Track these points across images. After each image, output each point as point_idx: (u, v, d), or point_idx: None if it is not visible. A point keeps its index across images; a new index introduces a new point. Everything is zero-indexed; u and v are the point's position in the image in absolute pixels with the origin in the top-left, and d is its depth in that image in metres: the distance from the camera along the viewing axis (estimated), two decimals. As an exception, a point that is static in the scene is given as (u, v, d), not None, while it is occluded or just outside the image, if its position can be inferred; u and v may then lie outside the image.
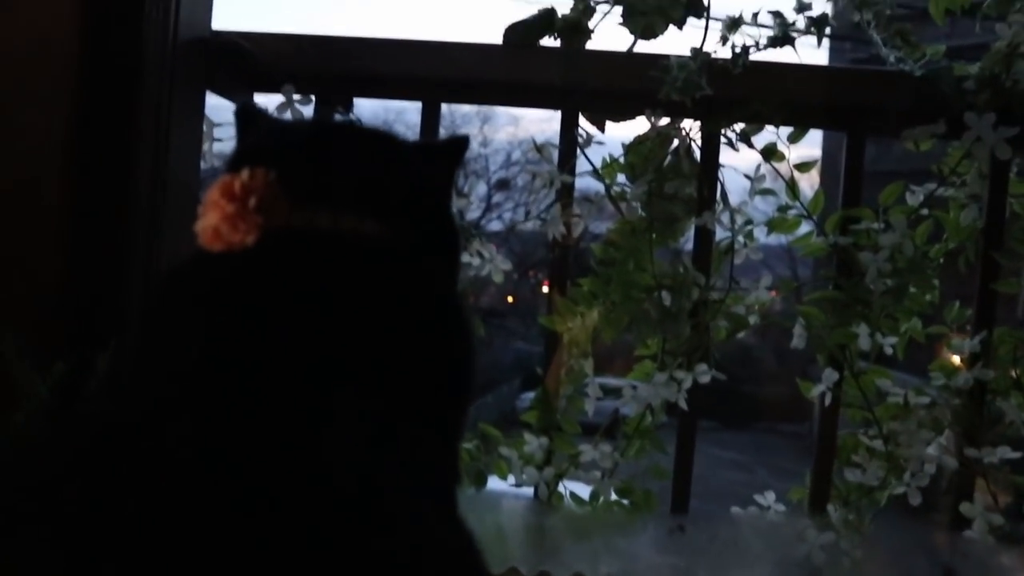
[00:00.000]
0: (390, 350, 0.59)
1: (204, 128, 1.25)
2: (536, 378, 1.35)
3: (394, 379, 0.58)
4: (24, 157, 0.98)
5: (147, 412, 0.50)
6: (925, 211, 1.29)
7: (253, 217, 0.60)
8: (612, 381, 1.33)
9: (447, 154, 0.74)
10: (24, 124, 0.99)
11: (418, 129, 1.34)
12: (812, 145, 1.33)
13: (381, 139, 0.72)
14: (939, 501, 1.32)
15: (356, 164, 0.67)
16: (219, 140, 1.25)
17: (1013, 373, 1.28)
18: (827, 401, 1.28)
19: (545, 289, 1.39)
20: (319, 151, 0.68)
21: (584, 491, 1.30)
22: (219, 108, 1.26)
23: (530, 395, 1.34)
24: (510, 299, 10.49)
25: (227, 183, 0.62)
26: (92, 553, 0.42)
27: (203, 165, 1.24)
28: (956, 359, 1.33)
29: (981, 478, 1.27)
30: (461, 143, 0.75)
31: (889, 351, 1.27)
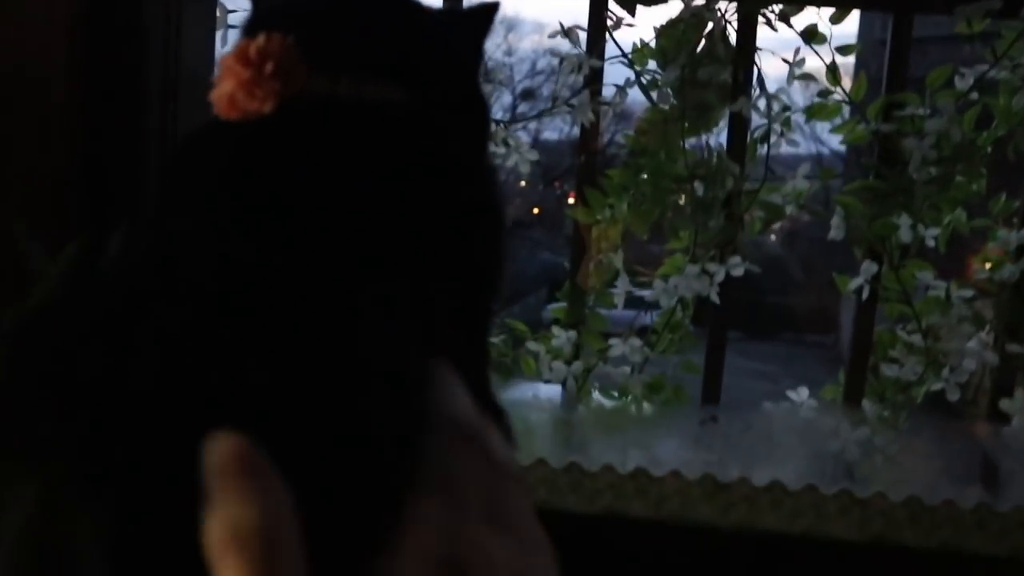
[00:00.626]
0: (417, 223, 0.55)
1: (217, 14, 1.20)
2: (562, 288, 1.31)
3: (423, 254, 0.55)
4: (28, 41, 0.94)
5: (165, 279, 0.47)
6: (974, 96, 1.22)
7: (270, 83, 0.56)
8: (641, 292, 1.29)
9: (475, 20, 0.69)
10: (27, 9, 0.94)
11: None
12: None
13: (405, 4, 0.67)
14: (966, 406, 1.29)
15: (379, 28, 0.63)
16: (233, 27, 1.20)
17: (1061, 266, 1.23)
18: (864, 295, 1.24)
19: (571, 200, 1.35)
20: (340, 14, 0.63)
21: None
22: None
23: (556, 305, 1.31)
24: (536, 210, 10.42)
25: (242, 48, 0.57)
26: (109, 419, 0.39)
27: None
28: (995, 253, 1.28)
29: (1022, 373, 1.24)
30: (490, 9, 0.69)
31: (931, 243, 1.22)
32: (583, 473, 1.01)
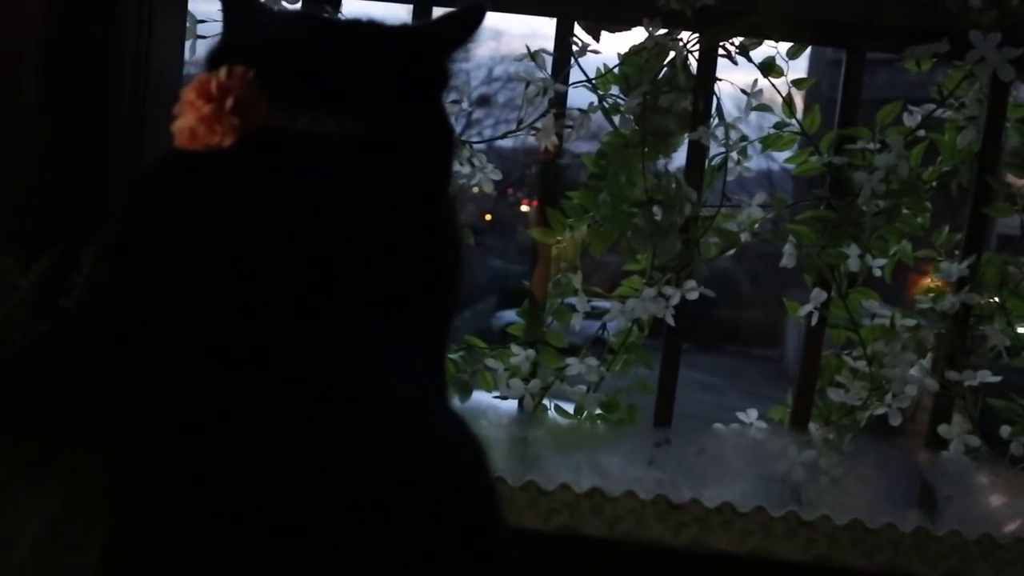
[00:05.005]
0: (374, 253, 0.57)
1: (187, 24, 1.20)
2: (512, 296, 1.33)
3: (380, 281, 0.56)
4: (1, 53, 0.93)
5: (131, 317, 0.48)
6: (921, 132, 1.27)
7: (230, 118, 0.57)
8: (599, 303, 1.32)
9: (447, 35, 0.69)
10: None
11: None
12: (801, 71, 1.30)
13: (369, 31, 0.68)
14: (908, 426, 1.33)
15: (340, 61, 0.64)
16: (203, 37, 1.20)
17: (998, 298, 1.28)
18: (814, 321, 1.28)
19: (524, 208, 1.37)
20: (302, 47, 0.64)
21: (569, 408, 1.30)
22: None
23: (506, 313, 1.33)
24: (488, 217, 10.42)
25: (203, 82, 0.58)
26: (86, 461, 0.40)
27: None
28: (936, 283, 1.33)
29: (960, 400, 1.28)
30: (468, 17, 0.69)
31: (878, 273, 1.27)
32: (540, 492, 1.03)
